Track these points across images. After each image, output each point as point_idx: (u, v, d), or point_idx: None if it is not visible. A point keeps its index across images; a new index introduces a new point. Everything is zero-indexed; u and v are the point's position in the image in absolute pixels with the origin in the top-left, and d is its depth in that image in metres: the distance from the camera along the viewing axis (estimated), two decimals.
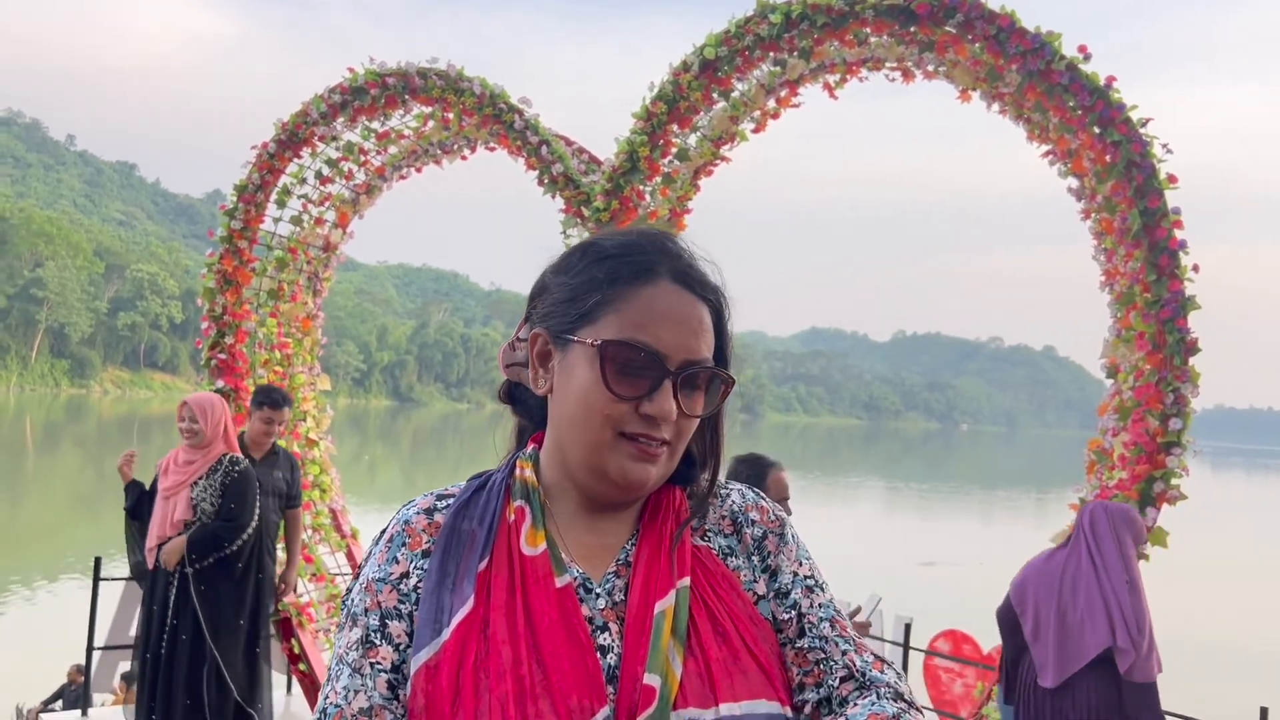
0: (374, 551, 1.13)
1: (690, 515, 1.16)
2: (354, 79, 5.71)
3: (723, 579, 1.12)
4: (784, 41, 5.07)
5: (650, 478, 1.09)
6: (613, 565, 1.11)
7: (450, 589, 1.06)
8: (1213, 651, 16.55)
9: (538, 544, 1.08)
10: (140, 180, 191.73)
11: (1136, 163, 4.51)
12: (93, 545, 19.09)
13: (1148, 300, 4.55)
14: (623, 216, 5.30)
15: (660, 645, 1.03)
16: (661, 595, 1.06)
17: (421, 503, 1.15)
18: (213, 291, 5.90)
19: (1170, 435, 4.51)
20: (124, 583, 5.88)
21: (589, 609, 1.07)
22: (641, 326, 1.08)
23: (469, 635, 1.03)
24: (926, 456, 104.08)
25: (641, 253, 1.11)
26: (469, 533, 1.10)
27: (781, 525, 1.20)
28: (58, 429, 56.34)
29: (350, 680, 1.05)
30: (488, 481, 1.16)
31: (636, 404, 1.07)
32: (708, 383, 1.11)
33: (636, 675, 1.02)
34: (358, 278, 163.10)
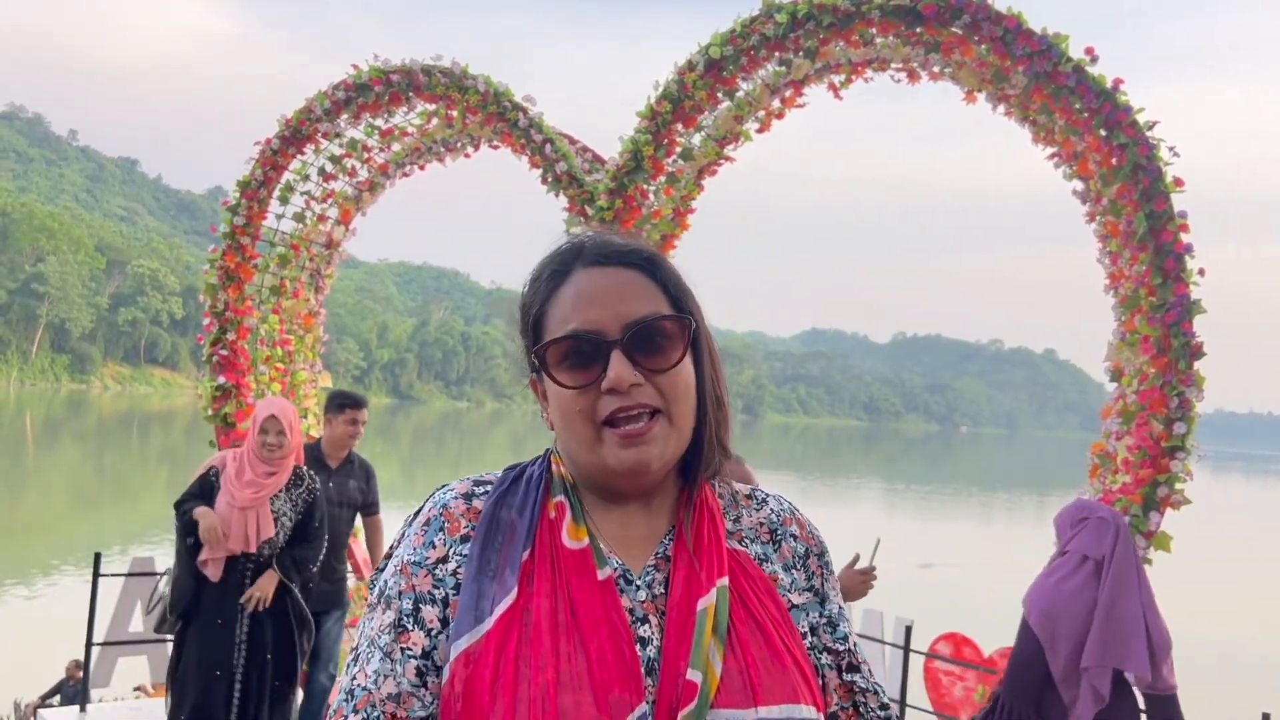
0: (408, 534, 1.12)
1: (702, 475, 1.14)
2: (358, 76, 5.69)
3: (760, 582, 1.12)
4: (789, 41, 5.05)
5: (650, 457, 1.07)
6: (652, 558, 1.11)
7: (492, 577, 1.05)
8: (1213, 655, 16.54)
9: (580, 538, 1.08)
10: (142, 176, 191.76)
11: (1143, 165, 4.49)
12: (93, 541, 19.12)
13: (1153, 304, 4.53)
14: (626, 215, 5.29)
15: (703, 642, 1.03)
16: (703, 593, 1.06)
17: (459, 487, 1.14)
18: (215, 287, 5.89)
19: (1174, 439, 4.49)
20: (123, 579, 5.87)
21: (629, 600, 1.07)
22: (570, 318, 1.09)
23: (511, 624, 1.02)
24: (926, 458, 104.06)
25: (556, 259, 1.14)
26: (509, 522, 1.09)
27: (822, 547, 1.22)
28: (58, 424, 56.33)
29: (381, 664, 1.05)
30: (524, 473, 1.15)
31: (597, 386, 1.07)
32: (672, 334, 1.09)
33: (679, 671, 1.01)
34: (358, 275, 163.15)
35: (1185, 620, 17.68)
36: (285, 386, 6.18)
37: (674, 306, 1.12)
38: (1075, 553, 3.56)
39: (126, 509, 27.65)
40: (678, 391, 1.09)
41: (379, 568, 1.15)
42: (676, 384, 1.09)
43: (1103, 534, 3.57)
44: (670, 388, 1.08)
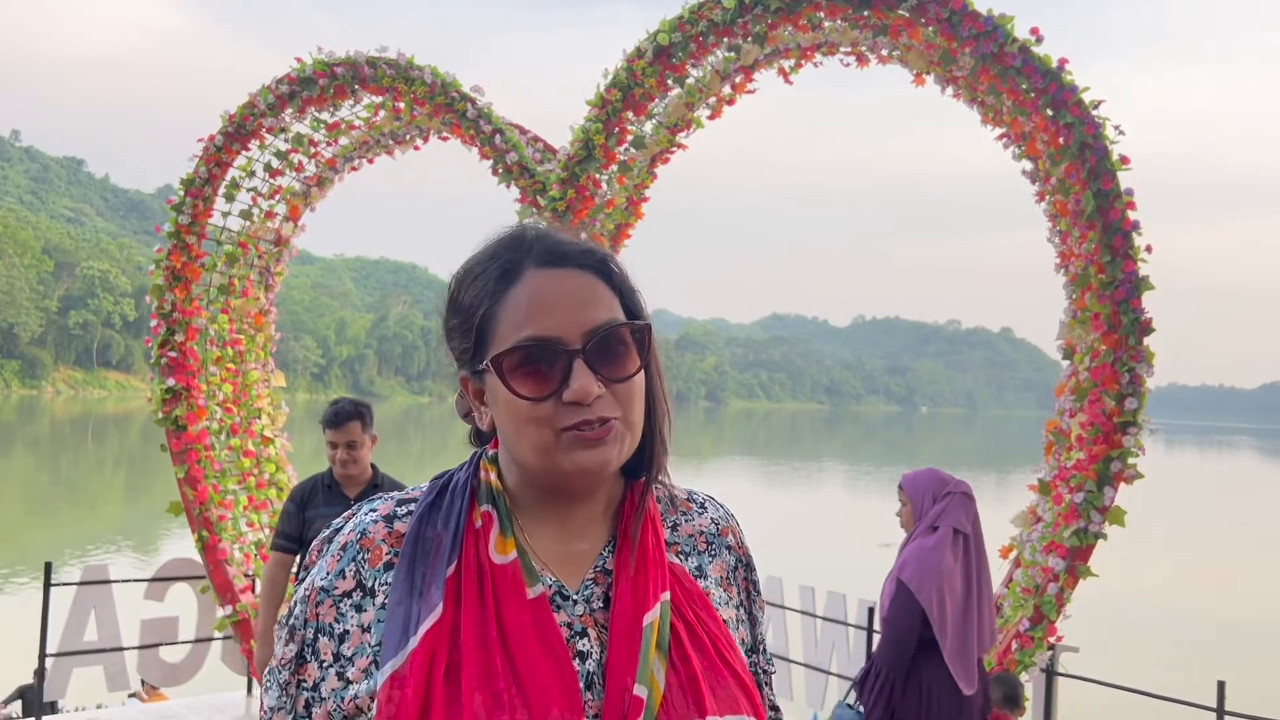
0: (326, 552, 1.08)
1: (644, 498, 1.13)
2: (302, 69, 5.59)
3: (698, 597, 1.11)
4: (738, 26, 5.03)
5: (609, 459, 1.04)
6: (590, 573, 1.08)
7: (419, 596, 1.02)
8: (1169, 626, 16.88)
9: (507, 552, 1.04)
10: (89, 176, 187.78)
11: (1089, 145, 4.53)
12: (48, 548, 18.74)
13: (1102, 281, 4.58)
14: (579, 205, 5.25)
15: (648, 657, 1.02)
16: (648, 608, 1.05)
17: (381, 509, 1.09)
18: (161, 288, 5.77)
19: (1126, 415, 4.55)
20: (75, 588, 5.75)
21: (567, 615, 1.05)
22: (524, 324, 1.04)
23: (438, 643, 0.99)
24: (888, 439, 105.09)
25: (499, 256, 1.09)
26: (434, 538, 1.06)
27: (750, 558, 1.21)
28: (9, 430, 55.21)
29: (278, 699, 1.05)
30: (450, 482, 1.11)
31: (558, 396, 1.03)
32: (629, 342, 1.07)
33: (625, 686, 1.00)
34: (315, 271, 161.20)
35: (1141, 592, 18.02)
36: (237, 387, 6.08)
37: (626, 310, 1.09)
38: (946, 527, 3.62)
39: (84, 514, 27.17)
40: (634, 398, 1.07)
41: (299, 579, 1.11)
42: (633, 391, 1.07)
43: (967, 508, 3.67)
44: (627, 395, 1.06)
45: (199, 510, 5.81)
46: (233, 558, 5.80)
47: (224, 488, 5.92)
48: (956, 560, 3.59)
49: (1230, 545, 29.95)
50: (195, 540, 5.89)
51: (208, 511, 5.80)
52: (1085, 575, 4.64)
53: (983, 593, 3.64)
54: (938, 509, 3.66)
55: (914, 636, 3.54)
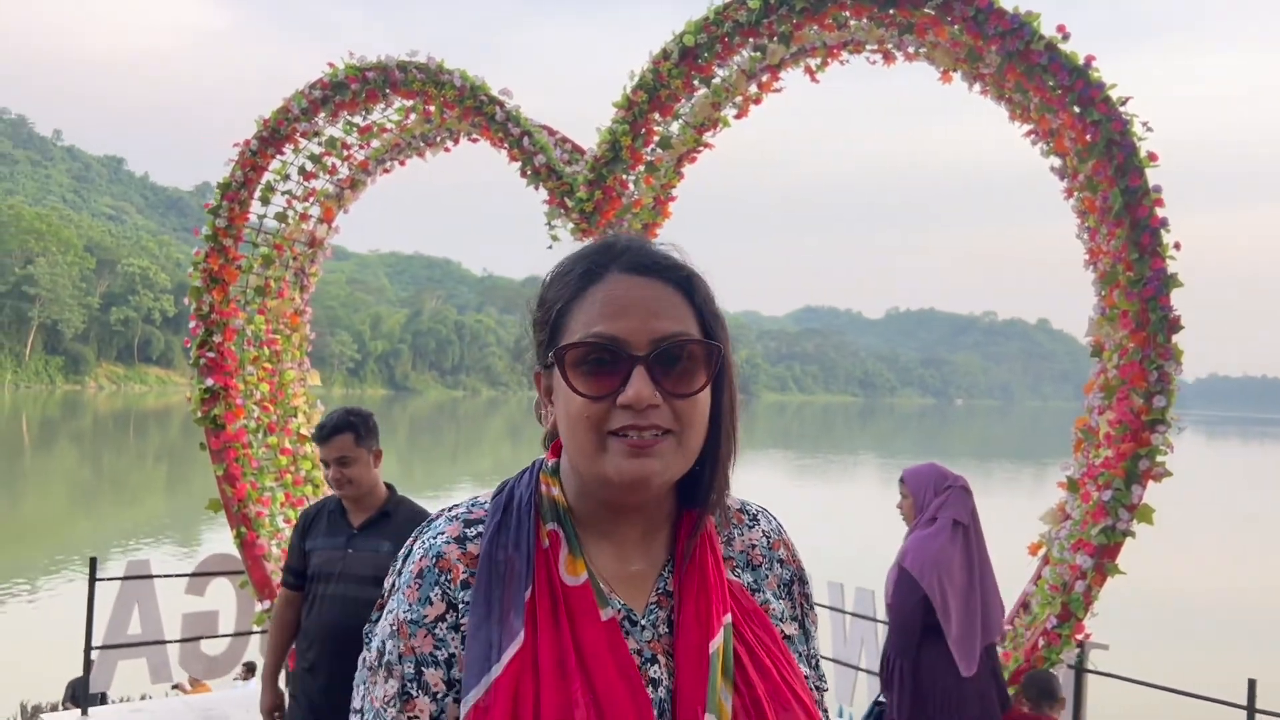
0: (399, 585, 1.07)
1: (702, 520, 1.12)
2: (334, 74, 5.69)
3: (755, 615, 1.12)
4: (763, 27, 5.05)
5: (652, 471, 1.02)
6: (653, 595, 1.09)
7: (498, 621, 1.02)
8: (1204, 621, 16.67)
9: (579, 573, 1.05)
10: (129, 174, 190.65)
11: (1116, 141, 4.51)
12: (94, 541, 19.12)
13: (1130, 279, 4.56)
14: (606, 206, 5.30)
15: (715, 685, 1.02)
16: (713, 634, 1.05)
17: (450, 530, 1.09)
18: (199, 290, 5.90)
19: (1155, 412, 4.53)
20: (119, 583, 5.90)
21: (635, 642, 1.05)
22: (595, 321, 1.04)
23: (522, 672, 0.99)
24: (922, 432, 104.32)
25: (589, 258, 1.09)
26: (506, 561, 1.05)
27: (804, 573, 1.22)
28: (54, 426, 56.25)
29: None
30: (512, 498, 1.11)
31: (614, 399, 1.02)
32: (698, 359, 1.05)
33: (696, 715, 1.01)
34: (350, 267, 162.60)
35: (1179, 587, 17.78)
36: (273, 386, 6.20)
37: (703, 330, 1.08)
38: (946, 519, 3.76)
39: (126, 508, 27.67)
40: (693, 418, 1.05)
41: (372, 618, 1.10)
42: (694, 410, 1.05)
43: (966, 501, 3.80)
44: (687, 413, 1.04)
45: (237, 507, 5.94)
46: (270, 554, 5.93)
47: (261, 485, 6.05)
48: (957, 550, 3.72)
49: (1269, 539, 29.48)
50: (234, 536, 6.03)
51: (246, 508, 5.94)
52: (1113, 573, 4.63)
53: (985, 582, 3.75)
54: (938, 502, 3.80)
55: (917, 621, 3.67)
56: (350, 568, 3.38)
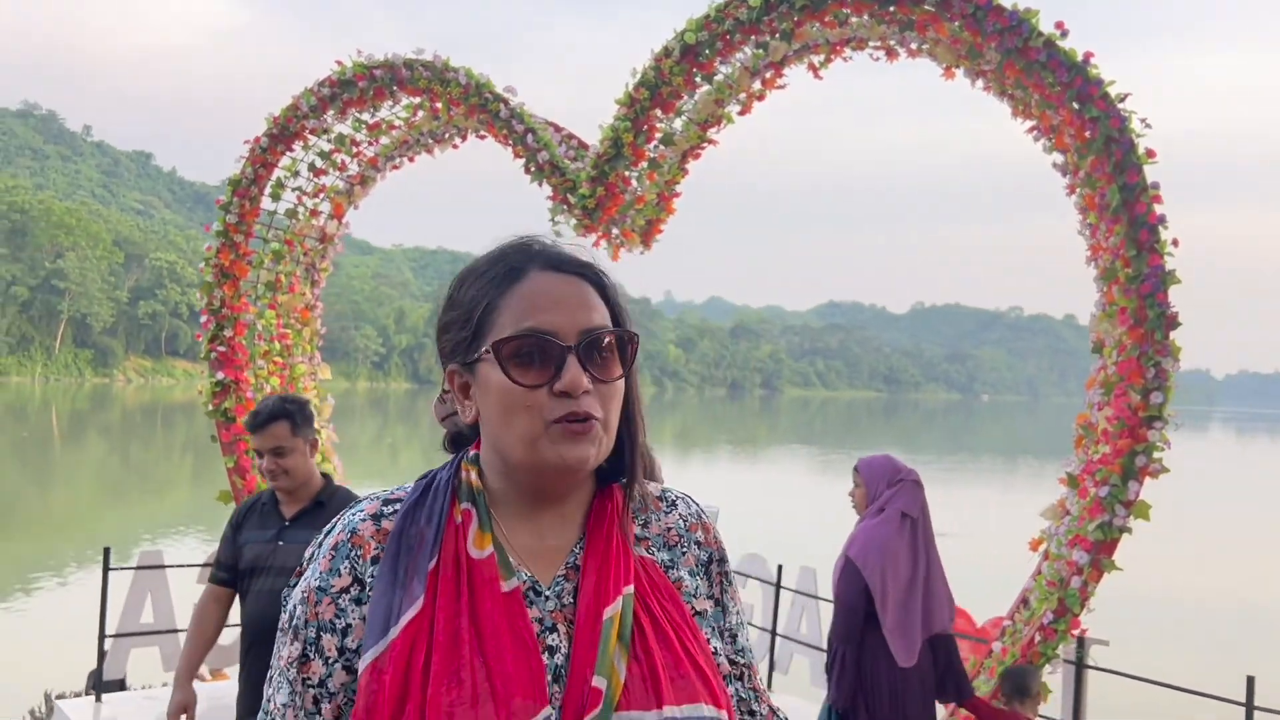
0: (317, 555, 1.15)
1: (627, 507, 1.20)
2: (342, 72, 5.77)
3: (665, 590, 1.17)
4: (764, 24, 5.08)
5: (589, 456, 1.10)
6: (561, 569, 1.15)
7: (401, 588, 1.08)
8: (1211, 619, 16.51)
9: (485, 546, 1.11)
10: (157, 169, 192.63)
11: (1115, 138, 4.52)
12: (121, 533, 19.39)
13: (1128, 275, 4.57)
14: (609, 202, 5.35)
15: (608, 650, 1.07)
16: (609, 602, 1.10)
17: (368, 508, 1.16)
18: (210, 285, 6.00)
19: (1152, 409, 4.54)
20: (133, 572, 6.02)
21: (539, 610, 1.11)
22: (526, 316, 1.12)
23: (418, 635, 1.05)
24: (947, 428, 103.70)
25: (507, 259, 1.17)
26: (417, 534, 1.12)
27: (723, 554, 1.27)
28: (83, 418, 57.01)
29: (289, 697, 1.11)
30: (433, 482, 1.18)
31: (549, 387, 1.10)
32: (616, 348, 1.15)
33: (585, 678, 1.06)
34: (374, 261, 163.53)
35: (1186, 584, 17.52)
36: (284, 380, 6.30)
37: (615, 323, 1.17)
38: (895, 510, 3.81)
39: (154, 500, 28.02)
40: (614, 404, 1.14)
41: (290, 584, 1.17)
42: (614, 397, 1.14)
43: (916, 494, 3.86)
44: (609, 400, 1.13)
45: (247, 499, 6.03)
46: None
47: None
48: (904, 542, 3.77)
49: None
50: None
51: None
52: (1109, 569, 4.64)
53: (930, 574, 3.79)
54: (889, 493, 3.86)
55: (860, 609, 3.72)
56: (280, 560, 3.23)
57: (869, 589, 3.70)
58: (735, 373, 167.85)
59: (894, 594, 3.71)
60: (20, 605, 14.85)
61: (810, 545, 9.85)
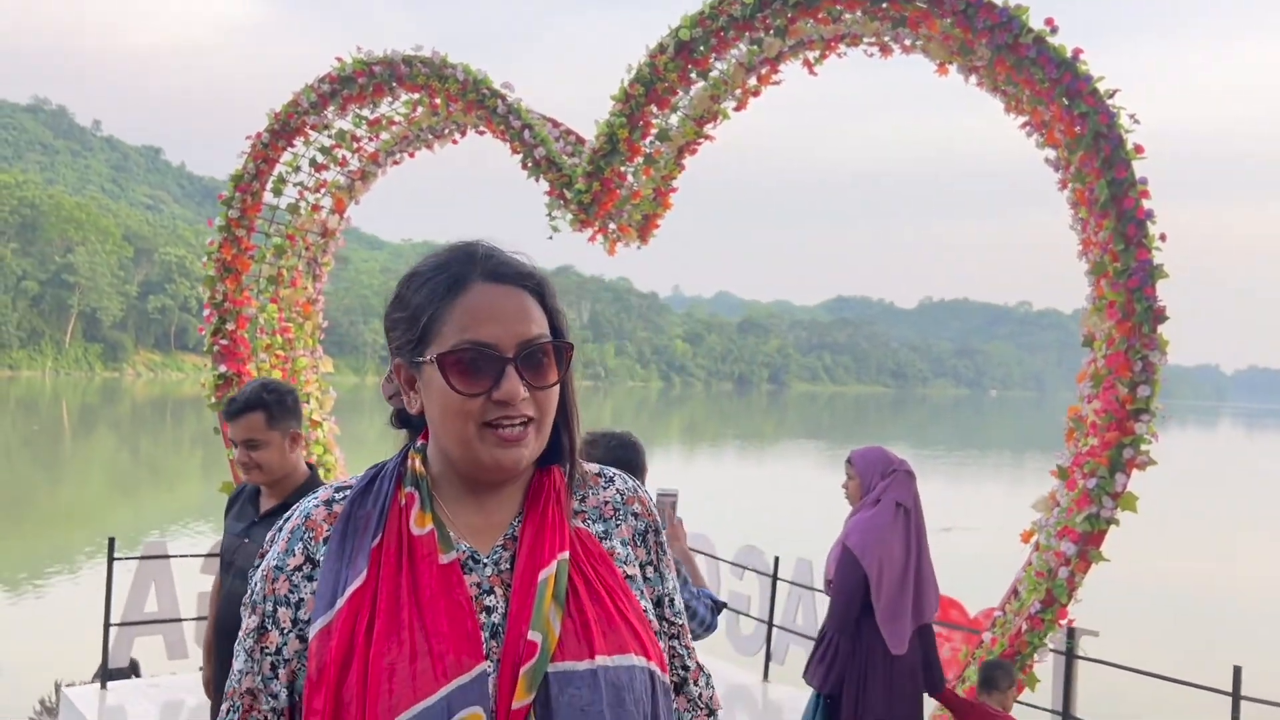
0: (277, 539, 1.26)
1: (566, 486, 1.30)
2: (342, 68, 5.83)
3: (599, 556, 1.27)
4: (758, 21, 5.13)
5: (521, 458, 1.21)
6: (500, 539, 1.25)
7: (347, 563, 1.19)
8: (1208, 610, 16.52)
9: (425, 525, 1.21)
10: (166, 164, 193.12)
11: (1104, 134, 4.56)
12: (132, 526, 19.51)
13: (1117, 269, 4.62)
14: (604, 198, 5.41)
15: (543, 607, 1.17)
16: (544, 565, 1.20)
17: (322, 495, 1.28)
18: (213, 279, 6.08)
19: (1139, 402, 4.59)
20: (137, 563, 6.11)
21: (477, 576, 1.21)
22: (467, 329, 1.20)
23: (361, 605, 1.16)
24: (956, 422, 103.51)
25: (450, 267, 1.25)
26: (364, 516, 1.23)
27: (659, 525, 1.37)
28: (93, 412, 57.30)
29: (245, 664, 1.23)
30: (381, 470, 1.29)
31: (488, 396, 1.19)
32: (553, 355, 1.23)
33: (521, 633, 1.16)
34: (384, 256, 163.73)
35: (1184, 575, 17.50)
36: (286, 373, 6.37)
37: (553, 329, 1.25)
38: (889, 501, 3.89)
39: (164, 493, 28.19)
40: (550, 405, 1.24)
41: (255, 565, 1.28)
42: (551, 399, 1.24)
43: (909, 486, 3.94)
44: (545, 402, 1.23)
45: None
46: None
47: None
48: (898, 532, 3.85)
49: None
50: None
51: None
52: (1097, 560, 4.70)
53: (921, 565, 3.87)
54: (883, 484, 3.94)
55: (858, 599, 3.80)
56: (242, 559, 3.04)
57: (867, 577, 3.78)
58: (743, 367, 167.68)
59: (889, 583, 3.79)
60: (32, 597, 14.99)
61: (812, 539, 9.92)
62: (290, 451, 3.08)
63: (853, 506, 4.07)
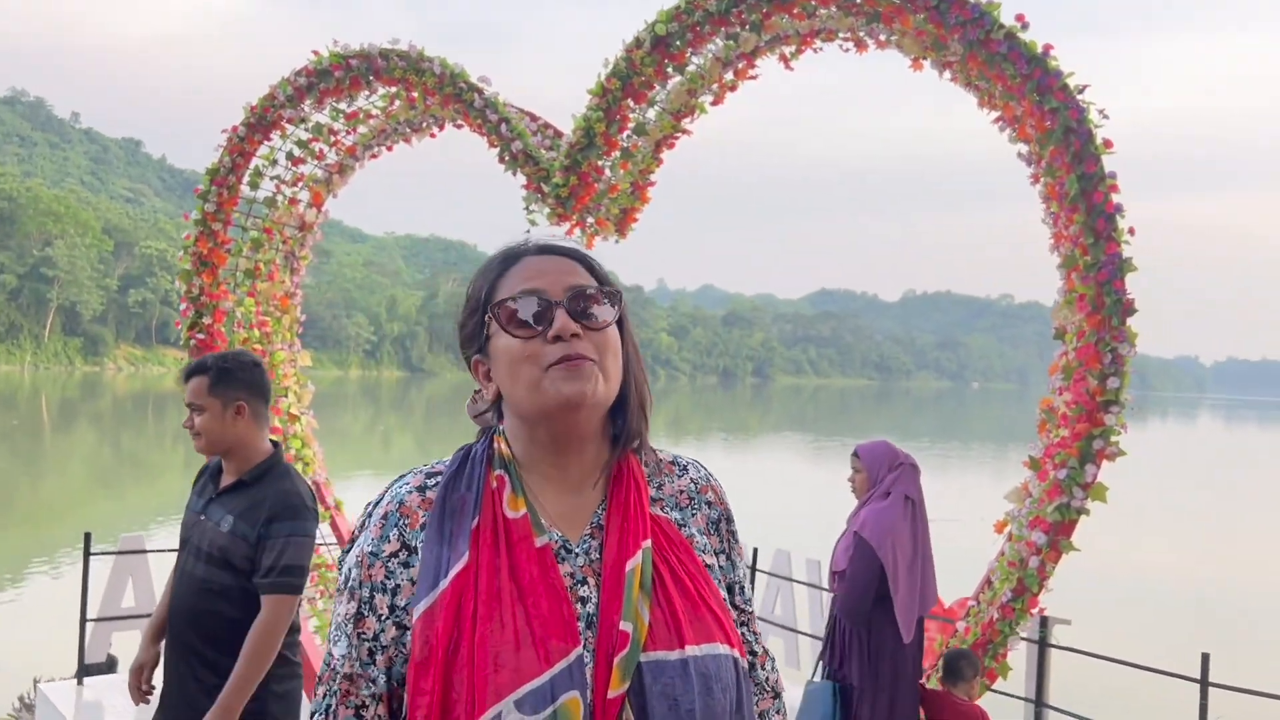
0: (368, 524, 1.29)
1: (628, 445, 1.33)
2: (318, 62, 5.82)
3: (679, 544, 1.32)
4: (733, 16, 5.15)
5: (587, 391, 1.24)
6: (587, 528, 1.29)
7: (448, 545, 1.23)
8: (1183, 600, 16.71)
9: (518, 508, 1.26)
10: (146, 157, 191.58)
11: (1073, 129, 4.61)
12: (113, 519, 19.39)
13: (1087, 263, 4.67)
14: (581, 192, 5.42)
15: (631, 598, 1.21)
16: (630, 555, 1.25)
17: (413, 480, 1.31)
18: (189, 273, 6.05)
19: (1109, 394, 4.64)
20: (114, 557, 6.11)
21: (570, 566, 1.25)
22: (520, 285, 1.29)
23: (465, 587, 1.19)
24: (939, 415, 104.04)
25: (505, 250, 1.36)
26: (459, 499, 1.27)
27: (730, 514, 1.43)
28: (73, 406, 56.89)
29: (345, 649, 1.25)
30: (469, 453, 1.33)
31: (544, 336, 1.25)
32: (602, 303, 1.29)
33: (613, 623, 1.20)
34: (366, 250, 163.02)
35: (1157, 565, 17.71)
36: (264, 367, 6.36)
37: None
38: (899, 494, 3.98)
39: (145, 488, 28.04)
40: (608, 347, 1.27)
41: (345, 550, 1.32)
42: (607, 341, 1.27)
43: (915, 478, 4.04)
44: (602, 343, 1.26)
45: None
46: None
47: None
48: (906, 524, 3.93)
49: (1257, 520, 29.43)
50: None
51: None
52: (1067, 549, 4.75)
53: (926, 555, 3.94)
54: (891, 477, 4.02)
55: (872, 588, 3.87)
56: (198, 538, 2.95)
57: (884, 567, 3.86)
58: (728, 360, 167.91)
59: (903, 574, 3.88)
60: (11, 593, 14.91)
61: (794, 531, 9.97)
62: (232, 423, 2.99)
63: (858, 499, 4.14)
